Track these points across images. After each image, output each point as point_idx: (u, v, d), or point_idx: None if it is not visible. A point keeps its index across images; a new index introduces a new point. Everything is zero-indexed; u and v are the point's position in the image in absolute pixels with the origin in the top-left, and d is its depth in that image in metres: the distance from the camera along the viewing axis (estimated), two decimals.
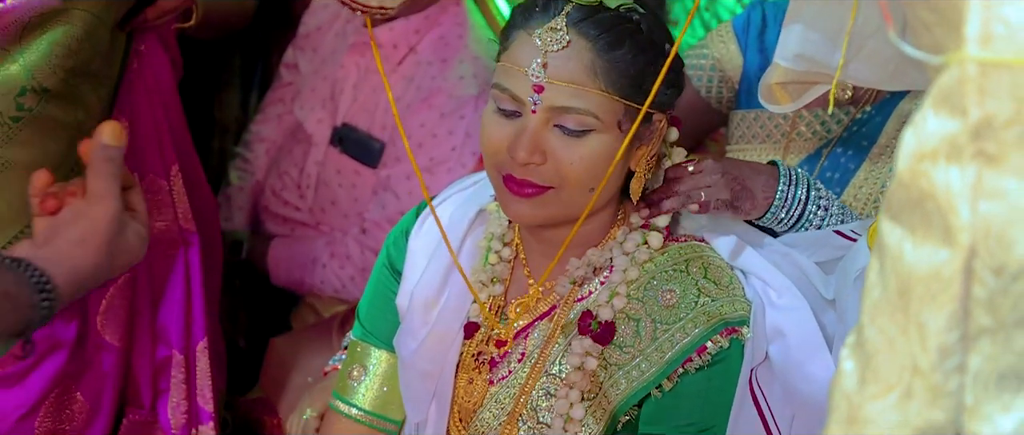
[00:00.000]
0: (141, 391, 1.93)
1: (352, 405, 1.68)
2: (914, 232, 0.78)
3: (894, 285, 0.79)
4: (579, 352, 1.49)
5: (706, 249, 1.54)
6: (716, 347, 1.46)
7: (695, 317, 1.47)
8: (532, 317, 1.56)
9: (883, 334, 0.80)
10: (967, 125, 0.74)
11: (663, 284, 1.49)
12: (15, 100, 1.67)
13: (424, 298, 1.60)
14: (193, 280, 1.93)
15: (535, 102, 1.42)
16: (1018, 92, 0.72)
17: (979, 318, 0.75)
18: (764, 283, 1.51)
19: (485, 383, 1.57)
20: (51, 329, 1.78)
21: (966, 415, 0.76)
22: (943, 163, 0.75)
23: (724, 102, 2.01)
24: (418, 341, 1.59)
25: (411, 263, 1.64)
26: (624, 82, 1.42)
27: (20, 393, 1.78)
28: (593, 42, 1.41)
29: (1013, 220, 0.73)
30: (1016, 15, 0.72)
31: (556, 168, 1.43)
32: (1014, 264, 0.73)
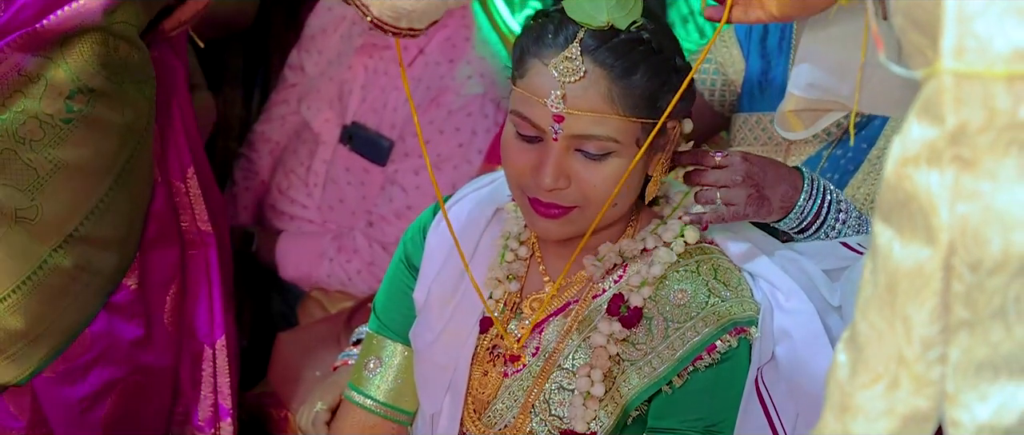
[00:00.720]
0: (184, 383, 1.99)
1: (367, 396, 1.72)
2: (901, 232, 0.83)
3: (883, 282, 0.84)
4: (605, 332, 1.53)
5: (716, 252, 1.58)
6: (725, 346, 1.50)
7: (705, 317, 1.51)
8: (547, 313, 1.60)
9: (873, 328, 0.85)
10: (945, 132, 0.79)
11: (675, 284, 1.54)
12: (65, 103, 1.73)
13: (441, 293, 1.65)
14: (213, 279, 1.98)
15: (556, 131, 1.46)
16: (989, 101, 0.78)
17: (958, 312, 0.80)
18: (772, 286, 1.55)
19: (499, 375, 1.61)
20: (110, 326, 1.84)
21: (947, 402, 0.81)
22: (924, 167, 0.81)
23: (727, 105, 2.04)
24: (435, 334, 1.63)
25: (429, 259, 1.69)
26: (641, 103, 1.46)
27: (83, 387, 1.84)
28: (609, 70, 1.44)
29: (987, 219, 0.78)
30: (985, 30, 0.77)
31: (580, 190, 1.49)
32: (989, 260, 0.78)
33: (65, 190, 1.75)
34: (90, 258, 1.80)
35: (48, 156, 1.72)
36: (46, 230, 1.75)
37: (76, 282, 1.80)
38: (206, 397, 2.00)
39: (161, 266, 1.92)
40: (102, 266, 1.82)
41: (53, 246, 1.76)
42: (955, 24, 0.78)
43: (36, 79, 1.70)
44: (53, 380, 1.81)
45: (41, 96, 1.70)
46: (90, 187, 1.78)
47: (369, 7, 1.32)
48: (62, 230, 1.76)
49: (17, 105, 1.69)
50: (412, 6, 1.30)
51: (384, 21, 1.34)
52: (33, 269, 1.74)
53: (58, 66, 1.71)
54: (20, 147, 1.70)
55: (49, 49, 1.70)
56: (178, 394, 2.01)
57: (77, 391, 1.83)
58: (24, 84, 1.70)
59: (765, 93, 1.96)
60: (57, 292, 1.78)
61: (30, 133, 1.71)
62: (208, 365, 1.99)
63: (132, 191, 1.85)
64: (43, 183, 1.72)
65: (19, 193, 1.72)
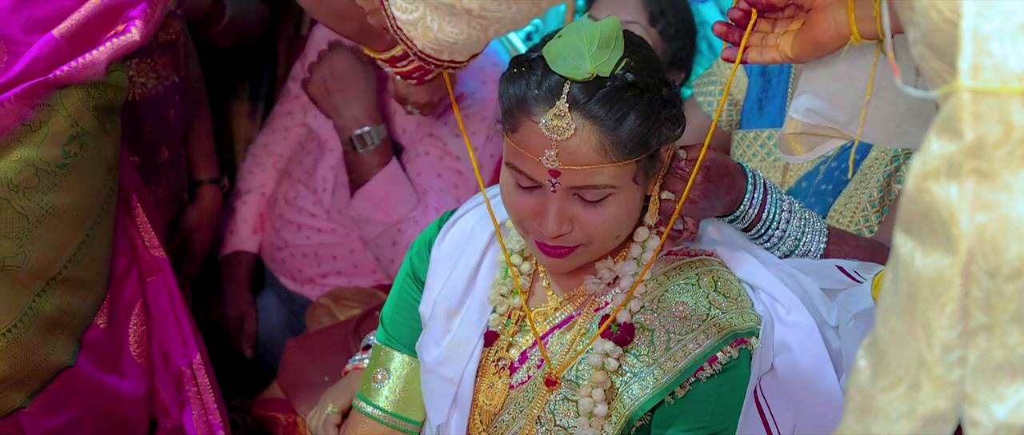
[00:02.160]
0: (168, 404, 1.99)
1: (375, 406, 1.74)
2: (923, 242, 0.86)
3: (904, 289, 0.87)
4: (600, 353, 1.56)
5: (716, 263, 1.60)
6: (726, 357, 1.52)
7: (707, 329, 1.53)
8: (551, 326, 1.63)
9: (894, 333, 0.88)
10: (964, 146, 0.83)
11: (676, 296, 1.56)
12: (63, 149, 1.72)
13: (446, 307, 1.67)
14: (176, 302, 1.98)
15: (554, 185, 1.46)
16: (1006, 116, 0.81)
17: (977, 316, 0.83)
18: (773, 299, 1.57)
19: (505, 387, 1.63)
20: (83, 362, 1.83)
21: (966, 403, 0.84)
22: (944, 180, 0.84)
23: (734, 125, 2.07)
24: (440, 348, 1.65)
25: (434, 273, 1.71)
26: (633, 147, 1.44)
27: (60, 418, 1.83)
28: (599, 123, 1.42)
29: (1004, 228, 0.82)
30: (1000, 50, 0.81)
31: (584, 231, 1.50)
32: (1006, 267, 0.82)
33: (52, 235, 1.74)
34: (70, 300, 1.79)
35: (41, 202, 1.71)
36: (32, 276, 1.74)
37: (58, 326, 1.79)
38: (198, 416, 2.00)
39: (125, 299, 1.91)
40: (80, 307, 1.82)
41: (37, 291, 1.75)
42: (971, 45, 0.82)
43: (38, 128, 1.69)
44: (35, 413, 1.80)
45: (40, 144, 1.69)
46: (74, 229, 1.77)
47: (414, 41, 1.33)
48: (46, 274, 1.75)
49: (15, 154, 1.68)
50: (454, 39, 1.30)
51: (428, 54, 1.34)
52: (19, 317, 1.73)
53: (58, 112, 1.71)
54: (14, 195, 1.69)
55: (50, 97, 1.70)
56: (163, 415, 2.01)
57: (54, 421, 1.82)
58: (25, 134, 1.68)
59: (764, 111, 1.99)
60: (41, 337, 1.76)
61: (26, 181, 1.69)
62: (191, 385, 1.99)
63: (106, 228, 1.85)
64: (32, 229, 1.71)
65: (8, 241, 1.70)
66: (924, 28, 0.87)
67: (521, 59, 1.50)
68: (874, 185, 1.84)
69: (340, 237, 2.61)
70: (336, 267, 2.64)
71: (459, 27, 1.29)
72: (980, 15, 0.82)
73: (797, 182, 1.92)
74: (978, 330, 0.84)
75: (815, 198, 1.88)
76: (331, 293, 2.62)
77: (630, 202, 1.51)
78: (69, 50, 1.71)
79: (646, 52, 1.50)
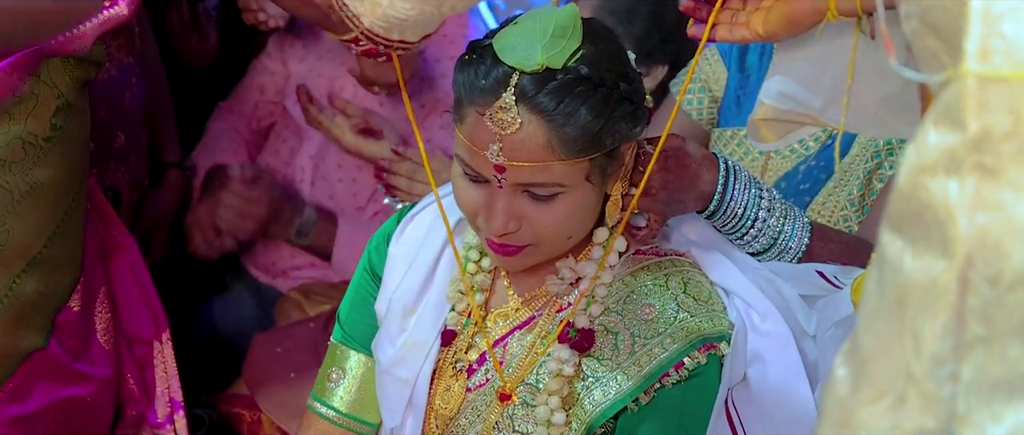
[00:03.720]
0: (135, 391, 1.96)
1: (329, 406, 1.68)
2: (915, 243, 0.79)
3: (892, 294, 0.80)
4: (557, 359, 1.49)
5: (687, 265, 1.54)
6: (693, 363, 1.46)
7: (673, 332, 1.47)
8: (511, 326, 1.56)
9: (879, 341, 0.81)
10: (966, 138, 0.75)
11: (643, 298, 1.50)
12: (49, 121, 1.68)
13: (402, 305, 1.60)
14: (141, 278, 1.96)
15: (500, 181, 1.40)
16: (1016, 106, 0.74)
17: (973, 327, 0.76)
18: (747, 305, 1.51)
19: (462, 390, 1.57)
20: (52, 345, 1.80)
21: (958, 422, 0.77)
22: (942, 176, 0.76)
23: (714, 122, 2.01)
24: (395, 348, 1.59)
25: (391, 269, 1.64)
26: (584, 145, 1.37)
27: (27, 405, 1.78)
28: (547, 118, 1.35)
29: (1009, 231, 0.74)
30: (1014, 30, 0.74)
31: (532, 230, 1.44)
32: (1009, 274, 0.74)
33: (35, 211, 1.70)
34: (49, 281, 1.76)
35: (26, 177, 1.67)
36: (13, 256, 1.69)
37: (35, 308, 1.75)
38: (162, 395, 1.97)
39: (94, 282, 1.88)
40: (57, 288, 1.78)
41: (18, 272, 1.71)
42: (981, 24, 0.74)
43: (28, 99, 1.65)
44: (2, 399, 1.75)
45: (28, 116, 1.65)
46: (55, 206, 1.74)
47: (360, 17, 1.27)
48: (27, 254, 1.71)
49: (2, 127, 1.64)
50: (405, 15, 1.25)
51: (376, 33, 1.29)
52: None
53: (45, 83, 1.67)
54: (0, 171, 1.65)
55: (35, 68, 1.66)
56: (127, 401, 1.97)
57: (22, 408, 1.78)
58: (15, 105, 1.64)
59: (742, 108, 1.92)
60: (18, 320, 1.72)
61: (12, 155, 1.65)
62: (159, 362, 1.96)
63: (81, 207, 1.81)
64: (16, 206, 1.67)
65: None
66: (923, 1, 0.79)
67: (474, 45, 1.43)
68: (854, 183, 1.78)
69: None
70: (311, 259, 2.59)
71: (411, 1, 1.20)
72: None
73: (776, 182, 1.86)
74: (974, 343, 0.76)
75: (795, 198, 1.82)
76: (302, 287, 2.58)
77: (583, 202, 1.44)
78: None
79: (606, 44, 1.41)
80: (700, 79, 2.00)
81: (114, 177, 2.19)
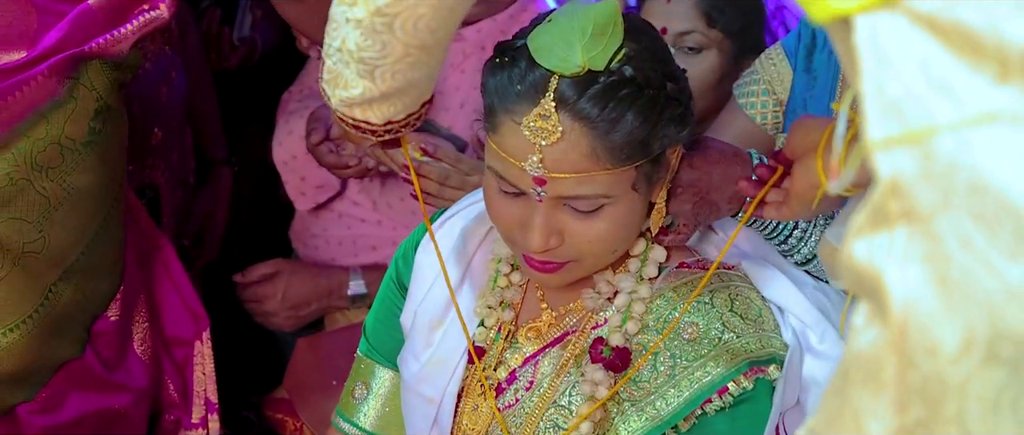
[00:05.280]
0: (175, 396, 1.93)
1: (354, 425, 1.60)
2: (867, 311, 0.69)
3: (842, 366, 0.71)
4: (591, 381, 1.38)
5: (735, 279, 1.41)
6: (738, 388, 1.34)
7: (717, 355, 1.35)
8: (543, 343, 1.45)
9: (828, 420, 0.71)
10: (883, 189, 0.69)
11: (685, 316, 1.38)
12: (88, 125, 1.64)
13: (429, 318, 1.51)
14: (176, 277, 1.91)
15: (539, 194, 1.28)
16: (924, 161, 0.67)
17: (914, 409, 0.65)
18: (803, 324, 1.39)
19: (491, 410, 1.46)
20: (87, 354, 1.77)
21: None
22: (869, 232, 0.69)
23: (779, 127, 1.90)
24: (420, 363, 1.50)
25: (418, 280, 1.55)
26: (631, 151, 1.26)
27: (60, 415, 1.77)
28: (590, 125, 1.23)
29: (947, 290, 0.64)
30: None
31: (574, 246, 1.33)
32: (948, 344, 0.63)
33: (73, 218, 1.66)
34: (86, 289, 1.72)
35: (63, 183, 1.64)
36: (50, 263, 1.66)
37: (71, 317, 1.72)
38: (198, 396, 1.94)
39: (132, 288, 1.84)
40: (94, 297, 1.75)
41: (54, 280, 1.67)
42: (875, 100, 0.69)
43: (65, 103, 1.61)
44: (34, 409, 1.73)
45: (67, 120, 1.61)
46: (93, 213, 1.70)
47: (329, 98, 1.20)
48: (65, 261, 1.68)
49: (39, 132, 1.60)
50: (359, 94, 1.16)
51: (341, 116, 1.21)
52: (34, 308, 1.66)
53: (84, 86, 1.63)
54: (36, 175, 1.61)
55: (78, 70, 1.62)
56: (166, 407, 1.94)
57: (53, 418, 1.75)
58: (52, 109, 1.60)
59: (810, 111, 1.80)
60: (54, 329, 1.69)
61: (49, 160, 1.61)
62: (198, 363, 1.94)
63: (120, 213, 1.77)
64: (53, 212, 1.63)
65: (28, 225, 1.62)
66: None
67: (505, 47, 1.31)
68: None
69: (386, 230, 2.45)
70: (374, 258, 2.49)
71: (359, 80, 1.15)
72: None
73: None
74: (916, 428, 0.65)
75: None
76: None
77: (629, 213, 1.32)
78: (103, 22, 1.64)
79: (649, 41, 1.30)
80: (764, 80, 1.88)
81: (152, 174, 2.13)
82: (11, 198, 1.60)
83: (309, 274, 2.38)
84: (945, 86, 0.67)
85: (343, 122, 1.23)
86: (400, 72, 1.14)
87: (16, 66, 1.58)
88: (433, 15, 1.11)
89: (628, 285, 1.40)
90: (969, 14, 0.67)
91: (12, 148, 1.58)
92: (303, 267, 2.41)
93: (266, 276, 2.37)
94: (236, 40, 2.56)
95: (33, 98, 1.58)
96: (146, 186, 2.10)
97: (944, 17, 0.68)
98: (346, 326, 2.36)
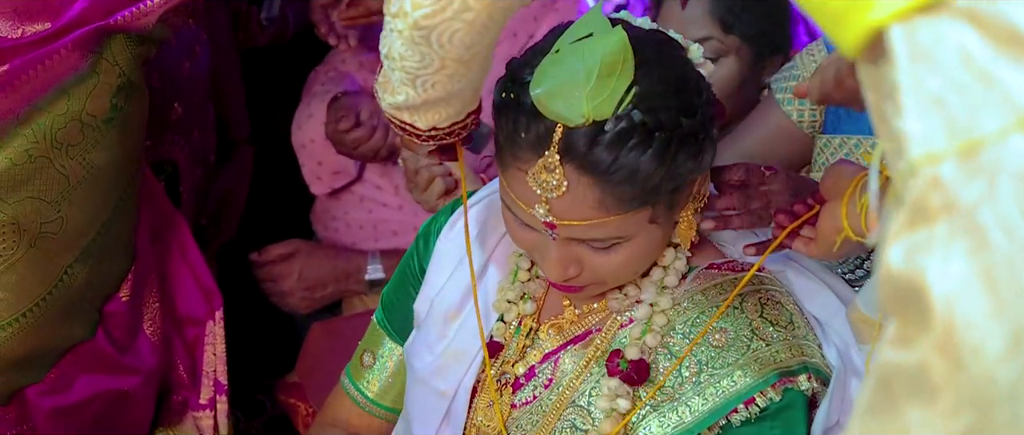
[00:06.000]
0: (184, 376, 1.91)
1: (359, 390, 1.60)
2: (900, 325, 0.66)
3: (875, 376, 0.67)
4: (608, 394, 1.33)
5: (766, 281, 1.36)
6: (766, 400, 1.29)
7: (745, 364, 1.29)
8: (564, 339, 1.40)
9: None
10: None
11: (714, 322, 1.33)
12: (110, 101, 1.60)
13: (444, 309, 1.46)
14: (190, 255, 1.88)
15: (553, 235, 1.24)
16: None
17: (964, 415, 0.62)
18: (847, 343, 1.33)
19: (507, 407, 1.41)
20: (98, 336, 1.75)
21: None
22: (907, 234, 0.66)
23: (817, 127, 1.85)
24: (434, 355, 1.45)
25: (436, 266, 1.50)
26: (643, 196, 1.20)
27: (69, 396, 1.74)
28: (598, 178, 1.17)
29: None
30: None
31: (594, 274, 1.29)
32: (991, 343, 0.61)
33: (91, 198, 1.62)
34: (99, 270, 1.69)
35: (83, 161, 1.59)
36: (66, 244, 1.62)
37: (84, 299, 1.68)
38: (207, 377, 1.91)
39: (144, 268, 1.80)
40: (108, 278, 1.72)
41: (70, 261, 1.63)
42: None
43: (88, 78, 1.57)
44: (43, 390, 1.70)
45: (88, 96, 1.57)
46: (111, 192, 1.66)
47: (381, 100, 1.22)
48: (81, 242, 1.64)
49: (60, 107, 1.55)
50: (403, 101, 1.17)
51: (390, 117, 1.21)
52: (48, 290, 1.63)
53: (107, 61, 1.59)
54: (56, 153, 1.56)
55: (98, 45, 1.58)
56: (175, 387, 1.91)
57: (62, 399, 1.72)
58: (74, 85, 1.56)
59: (852, 112, 1.75)
60: (67, 311, 1.66)
61: (69, 137, 1.57)
62: (209, 343, 1.90)
63: (135, 192, 1.73)
64: (72, 192, 1.60)
65: (46, 205, 1.58)
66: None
67: (512, 79, 1.23)
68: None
69: (407, 215, 2.42)
70: (395, 243, 2.46)
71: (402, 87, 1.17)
72: None
73: None
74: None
75: None
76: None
77: (648, 243, 1.28)
78: None
79: (661, 69, 1.20)
80: (802, 76, 1.84)
81: (171, 150, 2.09)
82: (29, 176, 1.56)
83: (326, 256, 2.35)
84: (987, 77, 0.64)
85: (392, 123, 1.23)
86: (439, 83, 1.15)
87: (39, 38, 1.54)
88: (468, 30, 1.12)
89: (650, 295, 1.35)
90: (1010, 8, 0.64)
91: (32, 124, 1.54)
92: (321, 248, 2.38)
93: (283, 256, 2.35)
94: (264, 20, 2.52)
95: (56, 72, 1.54)
96: (164, 162, 2.06)
97: (985, 10, 0.65)
98: (363, 311, 2.33)
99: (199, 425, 1.92)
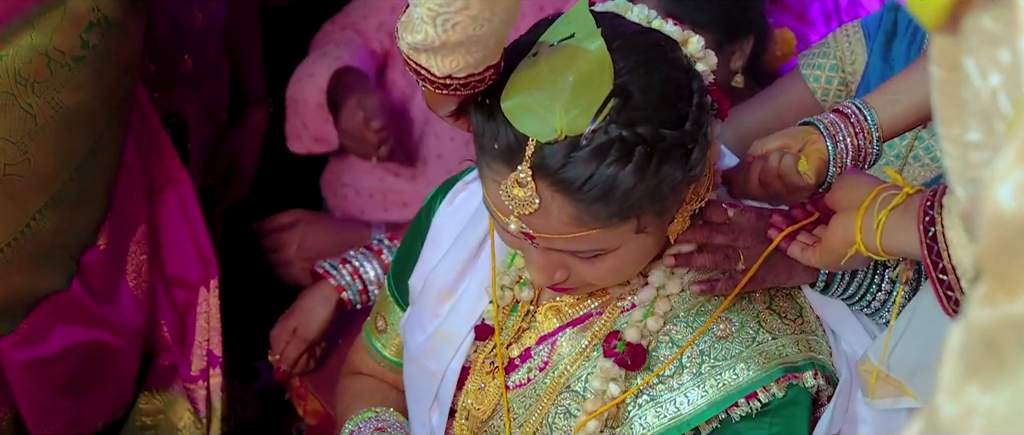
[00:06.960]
0: (167, 337, 1.84)
1: (375, 349, 1.57)
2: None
3: (976, 340, 0.59)
4: (601, 376, 1.27)
5: None
6: (768, 395, 1.23)
7: (749, 357, 1.24)
8: (563, 321, 1.34)
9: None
10: None
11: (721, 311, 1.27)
12: (80, 37, 1.51)
13: (438, 287, 1.41)
14: (192, 216, 1.81)
15: (534, 244, 1.18)
16: None
17: None
18: (856, 354, 1.28)
19: (499, 389, 1.36)
20: (75, 286, 1.68)
21: None
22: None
23: None
24: (426, 335, 1.41)
25: (433, 241, 1.45)
26: (624, 211, 1.13)
27: (44, 348, 1.68)
28: (572, 195, 1.11)
29: None
30: None
31: (582, 280, 1.23)
32: None
33: (61, 139, 1.54)
34: (71, 217, 1.61)
35: (51, 100, 1.51)
36: (33, 188, 1.55)
37: (56, 246, 1.61)
38: (199, 347, 1.85)
39: (128, 220, 1.73)
40: (81, 225, 1.64)
41: (38, 207, 1.56)
42: None
43: (53, 8, 1.48)
44: (16, 342, 1.63)
45: (54, 29, 1.49)
46: (84, 135, 1.58)
47: (400, 40, 1.14)
48: (49, 187, 1.56)
49: (23, 40, 1.47)
50: (422, 40, 1.09)
51: (407, 57, 1.14)
52: (13, 236, 1.55)
53: None
54: (21, 90, 1.48)
55: None
56: (159, 349, 1.85)
57: (37, 351, 1.66)
58: (38, 15, 1.48)
59: None
60: (38, 259, 1.59)
61: (35, 74, 1.49)
62: (202, 311, 1.84)
63: (117, 138, 1.65)
64: (39, 132, 1.52)
65: (11, 145, 1.50)
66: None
67: (488, 88, 1.16)
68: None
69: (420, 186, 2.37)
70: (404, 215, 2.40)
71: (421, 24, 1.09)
72: None
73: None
74: None
75: None
76: None
77: (636, 250, 1.22)
78: None
79: (645, 75, 1.12)
80: (834, 55, 1.79)
81: (180, 104, 2.04)
82: None
83: (328, 226, 2.31)
84: None
85: (408, 65, 1.17)
86: (461, 25, 1.07)
87: None
88: None
89: (657, 279, 1.29)
90: None
91: None
92: (323, 218, 2.34)
93: (284, 225, 2.30)
94: None
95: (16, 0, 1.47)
96: (172, 114, 2.01)
97: None
98: None
99: (192, 396, 1.87)
